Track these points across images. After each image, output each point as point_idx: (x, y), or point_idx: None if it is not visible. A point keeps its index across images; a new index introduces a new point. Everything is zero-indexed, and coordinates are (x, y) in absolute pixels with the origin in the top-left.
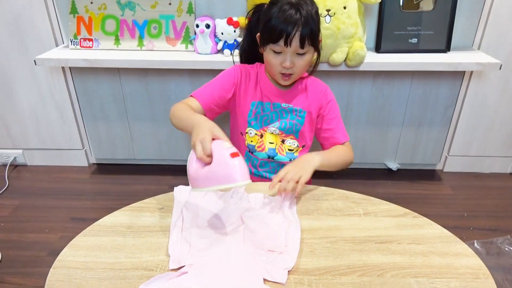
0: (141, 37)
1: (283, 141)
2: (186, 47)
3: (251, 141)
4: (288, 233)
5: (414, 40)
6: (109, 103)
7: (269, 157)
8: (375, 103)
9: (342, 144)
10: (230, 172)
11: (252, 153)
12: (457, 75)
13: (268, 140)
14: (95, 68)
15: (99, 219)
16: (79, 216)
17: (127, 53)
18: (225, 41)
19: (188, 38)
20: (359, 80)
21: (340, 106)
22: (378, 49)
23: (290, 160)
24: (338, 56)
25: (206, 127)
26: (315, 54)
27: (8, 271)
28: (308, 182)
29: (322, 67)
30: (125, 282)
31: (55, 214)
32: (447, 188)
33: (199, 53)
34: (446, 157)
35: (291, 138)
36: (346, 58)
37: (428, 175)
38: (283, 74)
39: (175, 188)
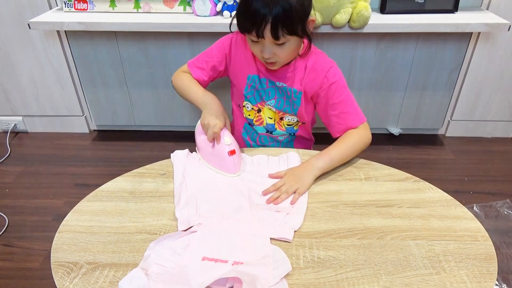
0: None
1: (281, 118)
2: (184, 9)
3: (249, 115)
4: (294, 195)
5: (421, 0)
6: (107, 69)
7: (267, 131)
8: (379, 66)
9: (356, 127)
10: (225, 165)
11: (251, 125)
12: (464, 37)
13: (267, 115)
14: (91, 32)
15: (101, 185)
16: (82, 182)
17: (123, 15)
18: (225, 2)
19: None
20: (363, 43)
21: (342, 69)
22: (383, 9)
23: (290, 134)
24: (341, 17)
25: (218, 114)
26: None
27: (16, 235)
28: (308, 147)
29: (325, 29)
30: (130, 245)
31: (58, 180)
32: (449, 153)
33: (198, 15)
34: (449, 121)
35: (289, 115)
36: (349, 19)
37: (430, 139)
38: (266, 62)
39: (171, 154)
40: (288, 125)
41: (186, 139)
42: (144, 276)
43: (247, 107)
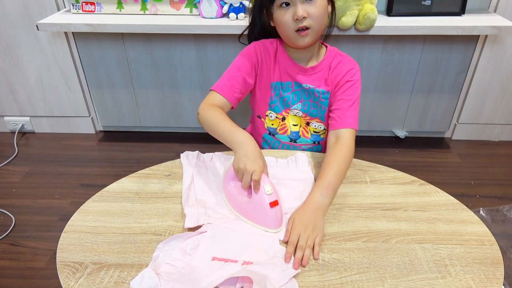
0: (144, 1)
1: (307, 123)
2: (191, 11)
3: (272, 124)
4: (303, 196)
5: (428, 2)
6: (114, 70)
7: (291, 140)
8: (385, 69)
9: (345, 128)
10: (266, 219)
11: (273, 135)
12: (471, 40)
13: (291, 122)
14: (98, 34)
15: (107, 185)
16: (88, 182)
17: (130, 17)
18: (231, 4)
19: (193, 1)
20: (369, 45)
21: None
22: (389, 12)
23: (314, 143)
24: (347, 19)
25: (256, 158)
26: (329, 8)
27: (22, 235)
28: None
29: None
30: (135, 246)
31: (64, 180)
32: (455, 156)
33: (204, 17)
34: (455, 124)
35: (317, 121)
36: (356, 21)
37: (436, 143)
38: (299, 31)
39: (181, 154)
40: (314, 131)
41: (191, 140)
42: (155, 275)
43: (271, 117)
